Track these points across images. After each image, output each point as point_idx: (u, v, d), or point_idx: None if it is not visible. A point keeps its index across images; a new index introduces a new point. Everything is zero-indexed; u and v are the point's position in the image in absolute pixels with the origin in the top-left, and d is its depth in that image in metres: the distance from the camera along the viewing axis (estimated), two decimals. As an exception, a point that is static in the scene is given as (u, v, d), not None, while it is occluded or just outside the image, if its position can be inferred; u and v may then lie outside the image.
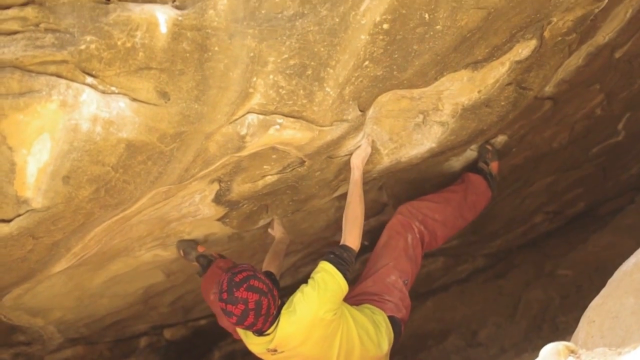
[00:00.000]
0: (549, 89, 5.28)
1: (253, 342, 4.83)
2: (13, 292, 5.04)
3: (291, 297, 4.73)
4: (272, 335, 4.68)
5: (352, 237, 4.90)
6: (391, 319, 5.25)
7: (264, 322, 4.50)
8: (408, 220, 5.67)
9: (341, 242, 4.91)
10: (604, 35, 5.01)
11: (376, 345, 5.00)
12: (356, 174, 4.95)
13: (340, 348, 4.86)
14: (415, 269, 5.64)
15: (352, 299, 5.38)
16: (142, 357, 8.58)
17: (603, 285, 3.72)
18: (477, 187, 5.96)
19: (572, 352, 2.96)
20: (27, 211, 3.56)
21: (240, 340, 5.01)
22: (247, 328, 4.56)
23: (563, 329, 7.66)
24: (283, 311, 4.65)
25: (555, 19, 4.40)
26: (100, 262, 5.20)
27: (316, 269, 4.79)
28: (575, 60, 5.10)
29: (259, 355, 4.96)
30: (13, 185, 3.37)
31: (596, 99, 6.08)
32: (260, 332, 4.66)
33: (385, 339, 5.06)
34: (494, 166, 5.97)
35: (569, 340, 3.67)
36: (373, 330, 4.99)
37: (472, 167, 6.04)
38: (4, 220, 3.59)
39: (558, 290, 8.88)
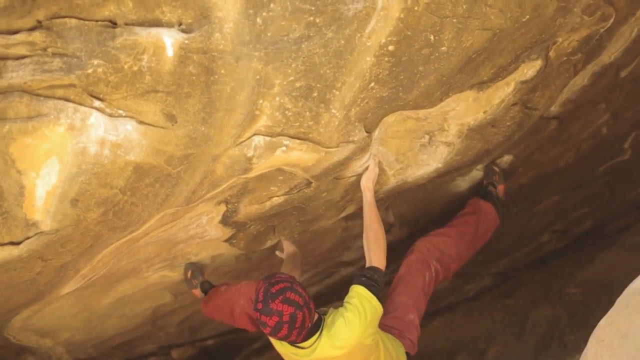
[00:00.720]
0: (554, 109, 5.29)
1: (288, 351, 4.84)
2: (22, 313, 5.05)
3: (331, 319, 4.70)
4: (309, 350, 4.66)
5: (377, 257, 4.92)
6: (408, 355, 5.29)
7: (298, 334, 4.47)
8: (426, 258, 5.69)
9: (368, 264, 4.91)
10: (609, 54, 5.02)
11: None
12: (368, 196, 4.96)
13: None
14: (426, 304, 5.69)
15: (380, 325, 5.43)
16: (150, 377, 8.58)
17: (611, 303, 3.72)
18: (488, 215, 5.99)
19: (580, 372, 2.96)
20: (36, 234, 3.57)
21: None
22: (281, 339, 4.55)
23: (571, 348, 7.65)
24: (325, 333, 4.62)
25: (560, 39, 4.41)
26: (108, 284, 5.21)
27: (351, 294, 4.78)
28: (581, 79, 5.11)
29: None
30: (22, 208, 3.39)
31: (602, 118, 6.09)
32: (293, 343, 4.66)
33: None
34: (501, 189, 6.00)
35: (577, 359, 3.67)
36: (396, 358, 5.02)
37: (481, 189, 6.05)
38: (13, 243, 3.60)
39: (566, 309, 8.86)
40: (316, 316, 4.62)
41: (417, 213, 6.07)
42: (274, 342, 4.94)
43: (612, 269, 8.81)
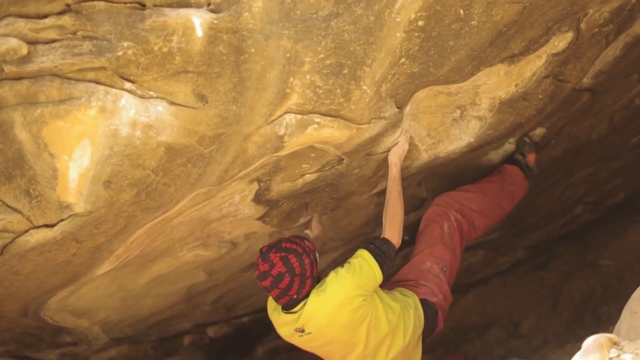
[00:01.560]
0: (586, 81, 5.25)
1: (282, 322, 4.85)
2: (58, 294, 5.09)
3: (324, 279, 4.75)
4: (299, 313, 4.70)
5: (392, 231, 4.91)
6: (423, 302, 5.27)
7: (279, 296, 4.60)
8: (444, 209, 5.69)
9: (382, 236, 4.92)
10: (641, 24, 4.98)
11: (403, 331, 5.01)
12: (394, 171, 4.94)
13: (368, 335, 4.85)
14: (454, 257, 5.63)
15: (388, 285, 5.43)
16: (186, 355, 8.63)
17: (645, 275, 3.70)
18: (514, 177, 5.94)
19: (615, 343, 2.96)
20: (70, 216, 3.61)
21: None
22: (265, 290, 4.62)
23: (605, 319, 7.61)
24: (314, 290, 4.68)
25: (591, 11, 4.37)
26: (142, 264, 5.24)
27: (354, 254, 4.81)
28: (613, 51, 5.07)
29: (288, 339, 4.96)
30: (55, 191, 3.42)
31: (635, 88, 6.03)
32: (287, 306, 4.72)
33: (410, 322, 5.06)
34: (530, 158, 5.95)
35: (611, 330, 3.66)
36: (400, 312, 4.99)
37: (509, 159, 6.02)
38: (47, 225, 3.65)
39: (600, 281, 8.82)
40: (308, 287, 4.66)
41: (450, 187, 6.04)
42: (273, 319, 4.98)
43: (646, 240, 8.77)
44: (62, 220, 3.64)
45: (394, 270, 5.82)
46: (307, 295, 4.66)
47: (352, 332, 4.82)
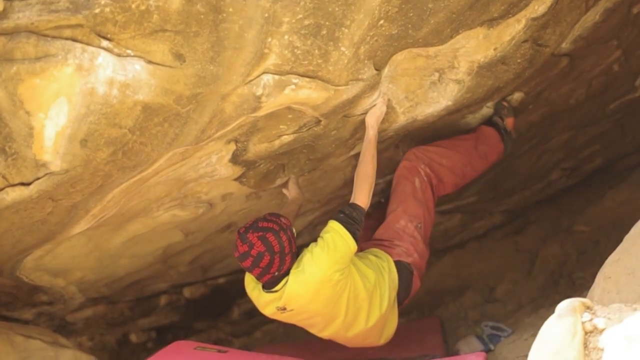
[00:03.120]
0: (565, 46, 5.26)
1: (264, 301, 4.90)
2: (34, 253, 5.08)
3: (300, 256, 4.77)
4: (280, 293, 4.74)
5: (361, 195, 4.93)
6: (398, 263, 5.32)
7: (260, 275, 4.64)
8: (413, 164, 5.68)
9: (351, 201, 4.93)
10: (621, -10, 4.99)
11: (379, 297, 5.06)
12: (370, 133, 4.95)
13: (348, 304, 4.91)
14: (428, 212, 5.66)
15: (364, 245, 5.49)
16: (162, 315, 8.67)
17: (620, 241, 3.73)
18: (489, 138, 5.94)
19: (588, 307, 2.98)
20: (46, 174, 3.60)
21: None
22: (246, 270, 4.71)
23: (580, 285, 7.69)
24: (292, 270, 4.71)
25: (571, -25, 4.38)
26: (119, 223, 5.24)
27: (325, 229, 4.83)
28: (592, 16, 5.07)
29: (271, 316, 5.01)
30: (31, 149, 3.40)
31: (613, 55, 6.05)
32: (269, 285, 4.76)
33: (386, 288, 5.11)
34: (509, 122, 5.96)
35: (585, 295, 3.69)
36: (375, 280, 5.04)
37: (487, 121, 6.03)
38: (23, 184, 3.63)
39: (575, 246, 8.89)
40: (288, 263, 4.69)
41: (426, 148, 6.06)
42: (254, 298, 5.03)
43: (621, 206, 8.83)
44: (38, 178, 3.63)
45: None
46: (287, 272, 4.71)
47: (333, 305, 4.89)
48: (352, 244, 4.76)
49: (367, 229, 5.65)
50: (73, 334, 8.01)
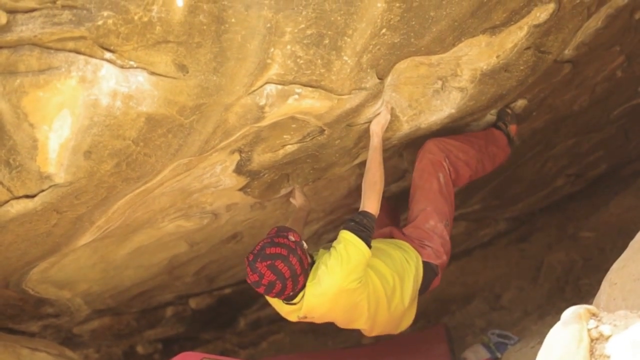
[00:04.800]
0: (568, 52, 5.26)
1: (286, 310, 4.94)
2: (39, 265, 5.09)
3: (314, 268, 4.77)
4: (299, 305, 4.76)
5: (371, 202, 4.92)
6: (426, 264, 5.31)
7: (276, 296, 4.65)
8: (437, 158, 5.59)
9: (360, 209, 4.92)
10: (623, -4, 4.99)
11: (400, 294, 5.08)
12: (375, 141, 4.94)
13: (369, 306, 4.93)
14: (451, 208, 5.64)
15: (396, 233, 5.53)
16: (169, 326, 8.67)
17: (625, 246, 3.73)
18: (498, 140, 5.93)
19: (594, 315, 2.97)
20: (51, 186, 3.61)
21: (265, 308, 5.06)
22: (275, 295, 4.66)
23: (586, 292, 7.66)
24: (308, 283, 4.71)
25: (573, -18, 4.39)
26: (124, 234, 5.24)
27: (338, 239, 4.82)
28: (595, 22, 5.08)
29: (294, 321, 5.03)
30: (35, 162, 3.41)
31: (616, 61, 6.05)
32: (287, 299, 4.77)
33: (410, 286, 5.14)
34: (512, 129, 5.96)
35: (591, 302, 3.69)
36: (393, 280, 5.05)
37: (492, 125, 6.02)
38: (27, 196, 3.64)
39: (581, 253, 8.87)
40: (302, 282, 4.69)
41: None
42: (274, 304, 5.04)
43: (627, 212, 8.81)
44: (43, 190, 3.63)
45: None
46: (303, 287, 4.72)
47: (353, 310, 4.93)
48: (366, 252, 4.75)
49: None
50: (79, 347, 8.02)
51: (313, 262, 4.85)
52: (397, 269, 5.08)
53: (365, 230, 4.79)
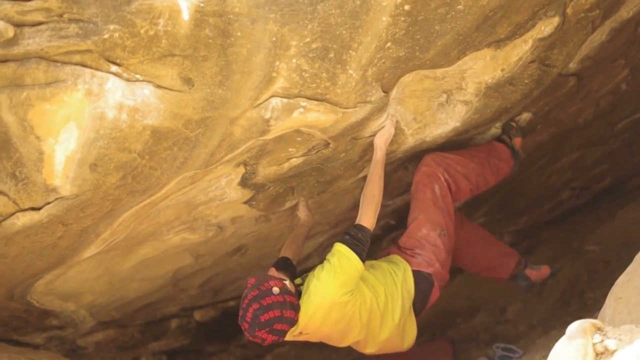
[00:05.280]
0: (573, 66, 5.27)
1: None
2: (44, 277, 5.09)
3: (307, 282, 4.79)
4: (295, 326, 4.74)
5: (367, 216, 4.93)
6: (417, 273, 5.30)
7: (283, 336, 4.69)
8: (433, 169, 5.58)
9: (357, 222, 4.95)
10: (627, 10, 4.98)
11: (391, 310, 5.08)
12: (378, 154, 4.96)
13: (361, 320, 4.94)
14: (449, 219, 5.58)
15: (385, 252, 5.56)
16: (173, 338, 8.65)
17: (630, 260, 3.72)
18: (500, 153, 5.91)
19: (599, 329, 2.97)
20: (56, 199, 3.62)
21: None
22: None
23: (591, 305, 7.65)
24: (302, 300, 4.72)
25: (577, -4, 4.40)
26: (129, 247, 5.24)
27: (332, 252, 4.84)
28: (599, 36, 5.09)
29: (290, 339, 5.03)
30: (41, 174, 3.42)
31: (621, 74, 6.06)
32: None
33: (399, 300, 5.13)
34: (517, 142, 5.96)
35: (596, 316, 3.68)
36: (385, 295, 5.06)
37: (496, 138, 6.02)
38: (33, 208, 3.65)
39: (586, 266, 8.85)
40: (297, 319, 4.71)
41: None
42: None
43: (632, 225, 8.79)
44: (49, 203, 3.64)
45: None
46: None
47: (345, 324, 4.92)
48: (359, 265, 4.77)
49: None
50: (84, 358, 8.00)
51: (302, 283, 4.89)
52: (386, 281, 5.10)
53: (360, 244, 4.80)
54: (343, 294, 4.70)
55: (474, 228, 6.19)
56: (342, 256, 4.73)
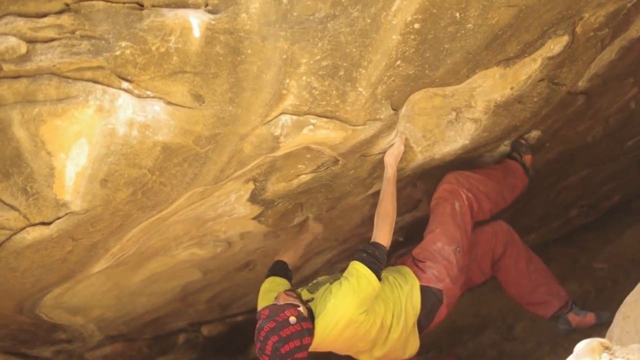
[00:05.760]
0: (582, 84, 5.27)
1: None
2: (53, 291, 5.10)
3: (321, 298, 4.77)
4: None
5: (382, 234, 4.93)
6: (425, 288, 5.28)
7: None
8: (455, 187, 5.58)
9: (372, 240, 4.94)
10: (637, 29, 4.98)
11: (396, 325, 5.06)
12: (389, 172, 4.96)
13: (369, 337, 4.93)
14: (466, 237, 5.54)
15: (399, 261, 5.56)
16: (180, 353, 8.65)
17: (639, 278, 3.71)
18: (515, 171, 5.92)
19: (607, 348, 2.97)
20: (66, 214, 3.63)
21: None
22: None
23: (599, 323, 7.63)
24: (319, 319, 4.70)
25: (587, 15, 4.40)
26: (138, 262, 5.25)
27: (350, 270, 4.82)
28: (608, 54, 5.09)
29: None
30: (52, 189, 3.44)
31: (630, 92, 6.05)
32: None
33: (402, 316, 5.10)
34: (527, 159, 5.95)
35: (604, 335, 3.68)
36: (392, 312, 5.05)
37: (507, 156, 6.02)
38: (44, 223, 3.66)
39: (594, 284, 8.81)
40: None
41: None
42: None
43: (640, 244, 8.77)
44: (59, 218, 3.66)
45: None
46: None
47: (356, 340, 4.92)
48: (376, 285, 4.77)
49: None
50: (91, 372, 8.02)
51: (312, 299, 4.87)
52: (393, 297, 5.09)
53: (377, 262, 4.80)
54: (360, 313, 4.70)
55: (528, 258, 6.14)
56: (362, 276, 4.73)
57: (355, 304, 4.65)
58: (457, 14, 3.74)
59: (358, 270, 4.75)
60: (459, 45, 3.99)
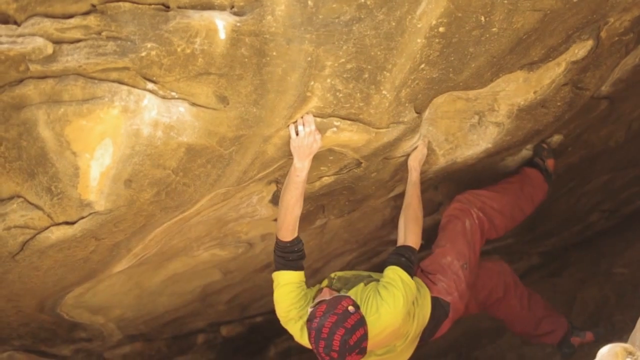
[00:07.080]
0: (605, 89, 5.26)
1: None
2: (75, 290, 5.12)
3: (366, 298, 4.67)
4: None
5: (414, 237, 4.92)
6: (435, 300, 5.23)
7: None
8: (466, 206, 5.61)
9: (405, 243, 4.91)
10: (662, 34, 4.98)
11: (409, 329, 5.01)
12: (414, 175, 4.97)
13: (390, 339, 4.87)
14: (474, 255, 5.55)
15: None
16: (199, 353, 8.66)
17: (660, 283, 3.70)
18: (533, 179, 5.91)
19: (630, 353, 2.96)
20: (90, 214, 3.65)
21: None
22: None
23: (620, 328, 7.58)
24: (369, 321, 4.47)
25: (612, 19, 4.38)
26: (159, 262, 5.27)
27: (393, 277, 4.70)
28: (632, 59, 5.07)
29: None
30: (77, 189, 3.46)
31: (654, 97, 6.04)
32: None
33: (414, 323, 5.01)
34: (549, 163, 5.94)
35: (625, 339, 3.66)
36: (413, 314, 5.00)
37: (528, 162, 6.01)
38: (67, 223, 3.68)
39: (614, 289, 8.78)
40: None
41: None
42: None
43: (661, 248, 8.74)
44: (83, 218, 3.68)
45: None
46: None
47: (386, 342, 4.84)
48: (415, 292, 4.79)
49: None
50: (110, 371, 8.04)
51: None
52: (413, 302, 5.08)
53: (413, 266, 4.80)
54: (404, 316, 4.67)
55: (529, 295, 6.23)
56: (406, 285, 4.66)
57: (404, 312, 4.62)
58: (482, 18, 3.73)
59: (402, 277, 4.69)
60: (484, 49, 3.98)
